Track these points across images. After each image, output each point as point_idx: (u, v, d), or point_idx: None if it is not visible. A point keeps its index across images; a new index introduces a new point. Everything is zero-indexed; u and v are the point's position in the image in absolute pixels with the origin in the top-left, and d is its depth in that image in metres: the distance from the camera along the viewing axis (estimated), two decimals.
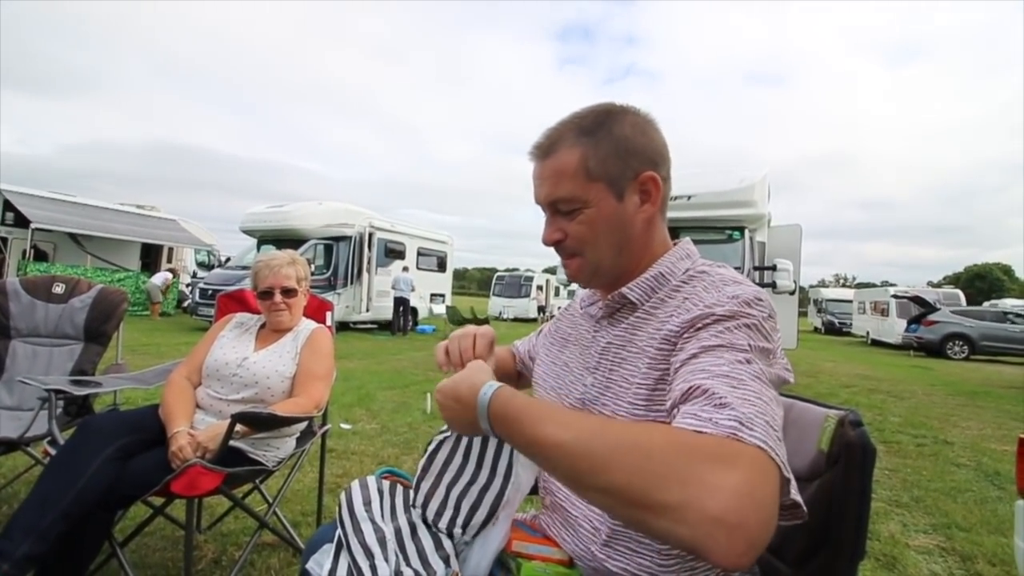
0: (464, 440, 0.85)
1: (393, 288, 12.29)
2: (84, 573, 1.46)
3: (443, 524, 0.82)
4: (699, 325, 0.68)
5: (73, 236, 13.26)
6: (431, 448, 0.87)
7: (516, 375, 1.12)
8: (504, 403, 0.65)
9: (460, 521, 0.82)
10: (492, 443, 0.84)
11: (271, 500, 1.87)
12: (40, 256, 12.84)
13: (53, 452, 1.58)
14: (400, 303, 12.22)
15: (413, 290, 12.56)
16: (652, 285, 0.80)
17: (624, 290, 0.81)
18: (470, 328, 0.94)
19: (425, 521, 0.85)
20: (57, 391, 1.74)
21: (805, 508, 0.56)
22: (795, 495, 0.55)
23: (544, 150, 0.80)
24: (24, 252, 11.89)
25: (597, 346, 0.84)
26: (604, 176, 0.77)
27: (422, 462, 0.87)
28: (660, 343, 0.72)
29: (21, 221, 11.84)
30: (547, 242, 0.83)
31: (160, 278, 13.43)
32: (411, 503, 0.87)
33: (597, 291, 0.90)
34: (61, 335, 2.32)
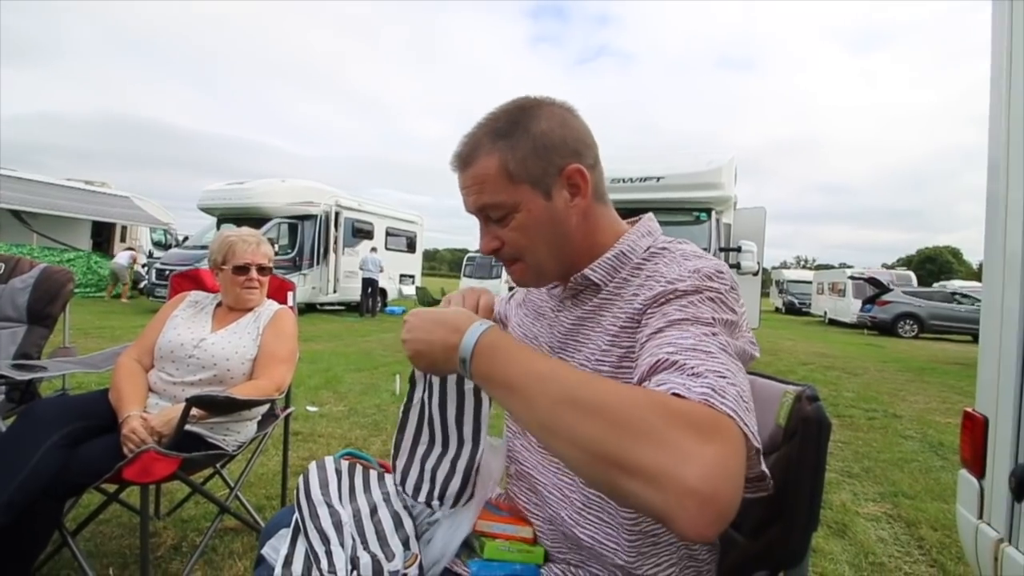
0: (427, 412, 0.84)
1: (361, 269, 12.12)
2: (33, 564, 1.41)
3: (422, 498, 0.84)
4: (662, 300, 0.68)
5: (16, 213, 12.51)
6: (399, 426, 0.86)
7: None
8: (498, 336, 0.64)
9: (436, 492, 0.82)
10: (452, 411, 0.83)
11: (233, 484, 1.83)
12: None
13: None
14: (368, 284, 12.07)
15: (382, 271, 12.40)
16: (614, 265, 0.79)
17: (587, 271, 0.80)
18: (479, 288, 0.92)
19: (387, 500, 0.84)
20: None
21: (771, 480, 0.56)
22: (763, 467, 0.56)
23: (464, 159, 0.78)
24: None
25: (561, 326, 0.83)
26: (527, 177, 0.75)
27: (394, 440, 0.86)
28: (624, 322, 0.72)
29: None
30: (485, 251, 0.81)
31: (125, 257, 12.92)
32: (395, 482, 0.87)
33: None
34: (2, 317, 2.18)
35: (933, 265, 59.36)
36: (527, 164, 0.75)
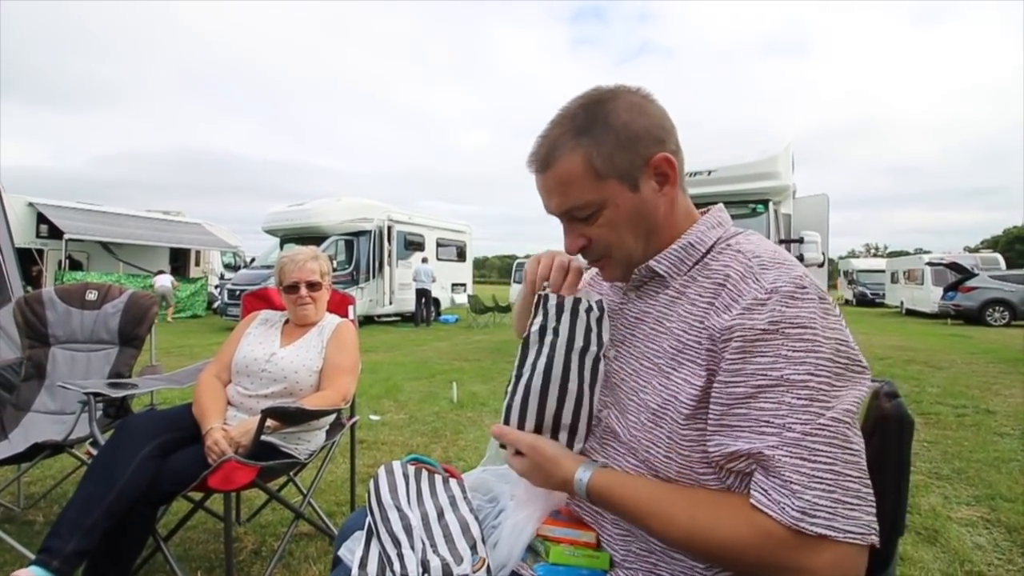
0: (544, 357, 0.79)
1: (414, 280, 12.42)
2: (131, 567, 1.52)
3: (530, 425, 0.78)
4: (742, 344, 0.63)
5: (104, 244, 13.68)
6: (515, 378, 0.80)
7: None
8: (601, 490, 0.70)
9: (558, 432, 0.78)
10: (575, 360, 0.79)
11: (305, 491, 1.91)
12: (75, 266, 13.30)
13: (95, 453, 1.64)
14: (422, 294, 12.34)
15: (434, 280, 12.65)
16: (681, 256, 0.76)
17: (652, 263, 0.77)
18: (560, 253, 0.87)
19: (453, 504, 0.86)
20: (96, 394, 1.80)
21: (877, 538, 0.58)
22: (874, 538, 0.58)
23: (544, 160, 0.75)
24: (59, 263, 12.32)
25: (625, 319, 0.81)
26: (614, 172, 0.73)
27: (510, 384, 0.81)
28: (694, 333, 0.69)
29: (55, 233, 12.26)
30: (571, 251, 0.79)
31: (167, 279, 12.87)
32: (505, 420, 0.80)
33: None
34: (97, 340, 2.39)
35: (1023, 245, 54.21)
36: (613, 159, 0.72)
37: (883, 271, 22.83)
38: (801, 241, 6.39)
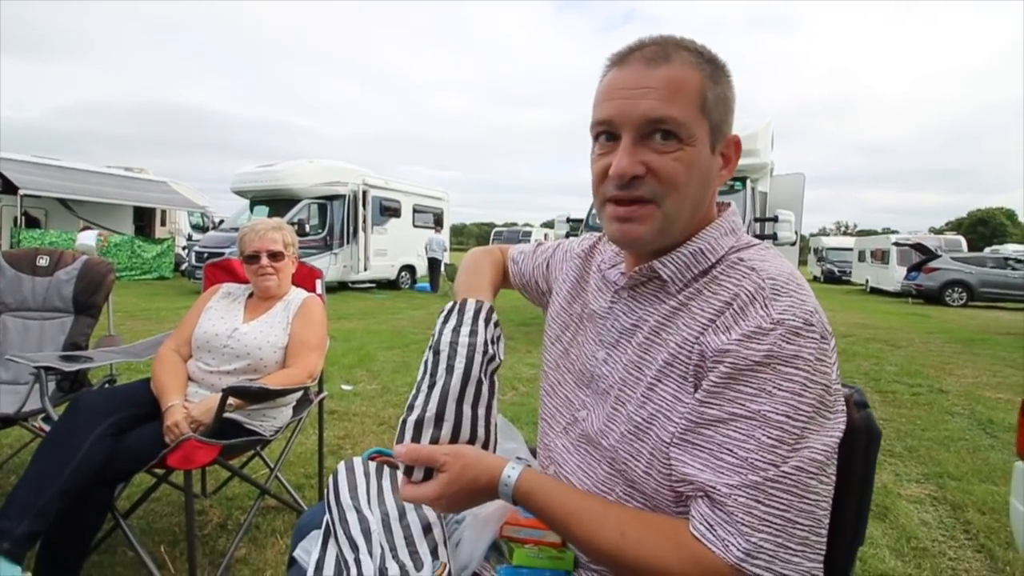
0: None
1: (427, 250, 12.73)
2: (88, 546, 1.49)
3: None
4: (731, 369, 0.60)
5: (63, 201, 13.05)
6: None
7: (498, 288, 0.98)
8: (530, 488, 0.66)
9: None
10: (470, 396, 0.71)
11: (272, 465, 1.89)
12: (32, 223, 12.68)
13: (47, 428, 1.58)
14: (433, 264, 12.67)
15: (446, 250, 13.07)
16: (688, 262, 0.69)
17: (656, 264, 0.70)
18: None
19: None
20: (47, 368, 1.72)
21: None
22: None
23: (660, 56, 0.65)
24: (15, 219, 11.73)
25: (617, 321, 0.75)
26: (712, 117, 0.66)
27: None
28: (687, 347, 0.65)
29: (9, 188, 11.62)
30: (627, 171, 0.64)
31: (91, 236, 11.55)
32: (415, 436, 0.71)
33: (623, 253, 0.79)
34: (50, 308, 2.28)
35: (985, 228, 56.22)
36: (718, 105, 0.67)
37: (851, 249, 23.44)
38: (776, 220, 6.47)
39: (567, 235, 7.33)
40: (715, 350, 0.62)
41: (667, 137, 0.64)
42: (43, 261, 2.29)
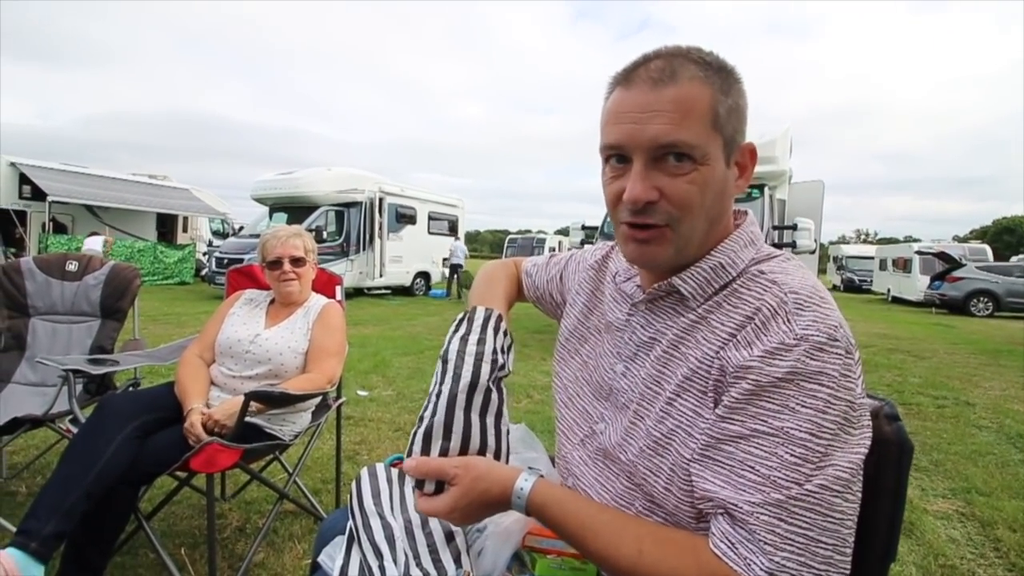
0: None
1: (451, 256, 13.13)
2: (112, 546, 1.51)
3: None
4: (755, 386, 0.59)
5: (90, 208, 13.39)
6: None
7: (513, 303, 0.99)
8: (544, 499, 0.65)
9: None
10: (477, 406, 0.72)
11: (291, 470, 1.90)
12: (59, 228, 13.02)
13: (74, 431, 1.61)
14: (454, 270, 13.01)
15: (467, 257, 13.38)
16: (708, 277, 0.68)
17: (675, 280, 0.69)
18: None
19: None
20: (75, 371, 1.76)
21: None
22: None
23: (666, 75, 0.62)
24: (43, 225, 12.05)
25: (635, 334, 0.74)
26: (724, 131, 0.64)
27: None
28: (707, 361, 0.64)
29: (38, 194, 11.95)
30: (640, 198, 0.63)
31: (97, 242, 11.32)
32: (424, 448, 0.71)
33: (636, 268, 0.77)
34: (78, 312, 2.34)
35: (1012, 237, 54.78)
36: (730, 117, 0.64)
37: (872, 258, 23.02)
38: (795, 228, 6.39)
39: (582, 243, 7.32)
40: (736, 366, 0.60)
41: (680, 159, 0.63)
42: (72, 266, 2.35)
